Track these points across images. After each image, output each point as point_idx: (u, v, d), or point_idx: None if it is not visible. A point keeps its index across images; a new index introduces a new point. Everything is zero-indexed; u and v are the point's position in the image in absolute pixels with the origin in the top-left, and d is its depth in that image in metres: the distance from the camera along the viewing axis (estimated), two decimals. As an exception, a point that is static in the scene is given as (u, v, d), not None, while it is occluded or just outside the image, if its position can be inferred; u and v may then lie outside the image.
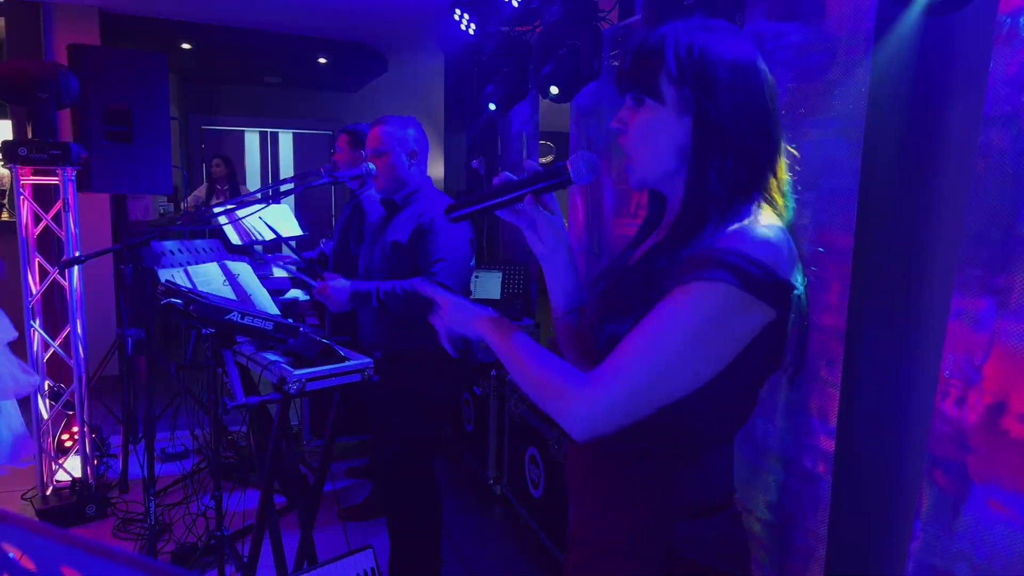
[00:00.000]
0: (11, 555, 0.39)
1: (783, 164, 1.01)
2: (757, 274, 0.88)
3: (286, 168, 8.71)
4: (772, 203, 0.98)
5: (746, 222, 0.93)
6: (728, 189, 0.95)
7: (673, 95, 0.97)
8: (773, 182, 0.99)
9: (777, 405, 1.97)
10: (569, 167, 1.05)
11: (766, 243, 0.90)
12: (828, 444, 1.78)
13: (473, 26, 3.81)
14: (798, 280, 0.93)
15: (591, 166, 1.04)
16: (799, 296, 0.93)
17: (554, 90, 2.89)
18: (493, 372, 3.41)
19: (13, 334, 2.87)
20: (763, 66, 0.98)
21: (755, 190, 0.97)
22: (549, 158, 8.16)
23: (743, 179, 0.96)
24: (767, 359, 0.98)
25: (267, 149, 8.69)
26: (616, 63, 1.06)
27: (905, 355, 1.76)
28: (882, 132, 1.74)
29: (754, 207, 0.96)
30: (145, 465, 2.26)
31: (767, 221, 0.94)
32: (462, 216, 1.10)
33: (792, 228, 0.99)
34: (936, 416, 1.47)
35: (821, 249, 1.81)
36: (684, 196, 0.99)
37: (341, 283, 2.33)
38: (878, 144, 1.73)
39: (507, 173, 1.10)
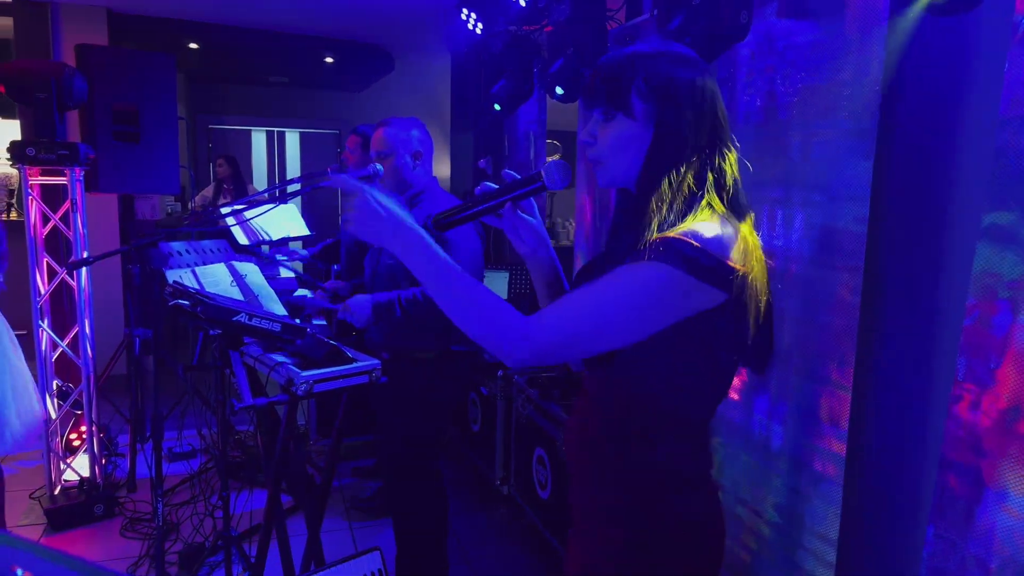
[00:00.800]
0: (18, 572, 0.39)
1: (730, 168, 1.11)
2: (704, 262, 0.99)
3: (293, 167, 8.71)
4: (714, 202, 1.08)
5: (696, 220, 1.03)
6: (676, 190, 1.06)
7: (642, 110, 1.08)
8: (716, 184, 1.08)
9: (787, 407, 1.96)
10: (543, 174, 1.13)
11: (716, 237, 1.02)
12: (839, 447, 1.77)
13: (480, 25, 3.80)
14: (751, 266, 1.04)
15: (564, 172, 1.13)
16: (752, 279, 1.04)
17: (559, 90, 2.88)
18: (500, 372, 3.40)
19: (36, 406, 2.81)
20: (715, 85, 1.11)
21: (700, 190, 1.07)
22: (556, 156, 8.15)
23: (691, 182, 1.07)
24: (728, 338, 1.07)
25: (274, 148, 8.69)
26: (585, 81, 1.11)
27: (918, 358, 1.75)
28: (895, 132, 1.72)
29: (699, 206, 1.05)
30: (153, 465, 2.26)
31: (712, 219, 1.05)
32: (449, 226, 1.19)
33: (750, 223, 1.10)
34: (950, 420, 1.46)
35: (831, 250, 1.80)
36: (636, 191, 1.11)
37: (361, 298, 2.32)
38: (891, 144, 1.72)
39: (487, 184, 1.19)
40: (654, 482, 1.12)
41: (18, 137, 4.36)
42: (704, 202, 1.05)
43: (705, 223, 1.03)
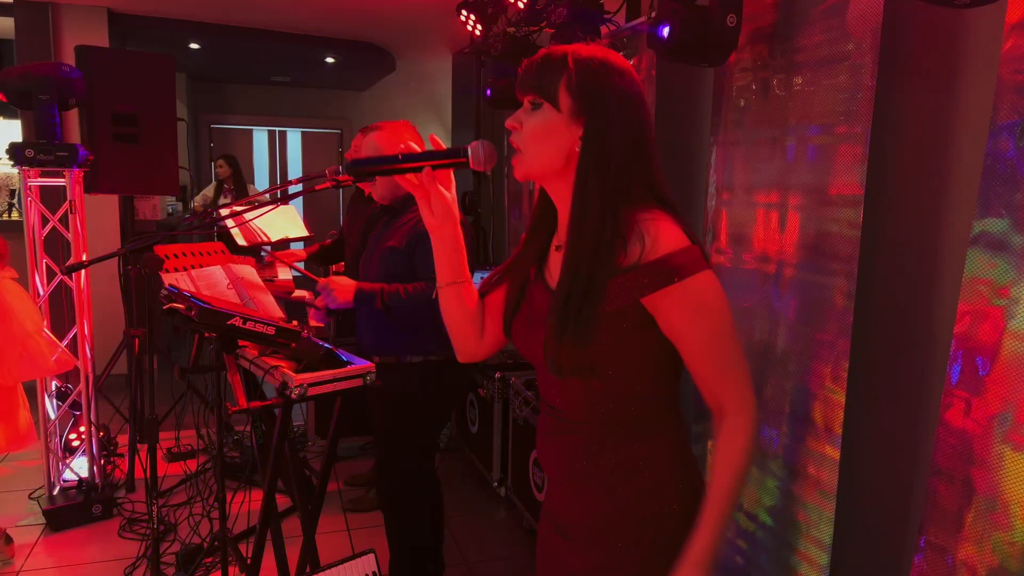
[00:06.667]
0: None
1: (659, 182, 1.15)
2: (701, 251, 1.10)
3: (294, 166, 8.73)
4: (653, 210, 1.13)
5: (654, 227, 1.08)
6: (611, 197, 1.09)
7: (569, 105, 1.10)
8: (650, 197, 1.13)
9: (782, 412, 1.95)
10: (469, 151, 1.17)
11: (684, 231, 1.10)
12: (833, 452, 1.76)
13: (480, 27, 3.80)
14: None
15: (489, 153, 1.17)
16: None
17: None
18: (497, 374, 3.40)
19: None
20: (645, 102, 1.14)
21: (636, 199, 1.10)
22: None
23: (623, 190, 1.09)
24: None
25: (275, 148, 8.71)
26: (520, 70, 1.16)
27: (910, 363, 1.74)
28: (889, 137, 1.72)
29: (641, 213, 1.09)
30: (148, 469, 2.26)
31: (662, 218, 1.10)
32: (363, 172, 1.28)
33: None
34: (941, 426, 1.45)
35: (826, 256, 1.80)
36: (572, 203, 1.12)
37: (347, 281, 2.32)
38: (884, 149, 1.71)
39: (412, 145, 1.20)
40: (658, 477, 1.16)
41: (19, 138, 4.37)
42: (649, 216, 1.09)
43: (676, 230, 1.08)
